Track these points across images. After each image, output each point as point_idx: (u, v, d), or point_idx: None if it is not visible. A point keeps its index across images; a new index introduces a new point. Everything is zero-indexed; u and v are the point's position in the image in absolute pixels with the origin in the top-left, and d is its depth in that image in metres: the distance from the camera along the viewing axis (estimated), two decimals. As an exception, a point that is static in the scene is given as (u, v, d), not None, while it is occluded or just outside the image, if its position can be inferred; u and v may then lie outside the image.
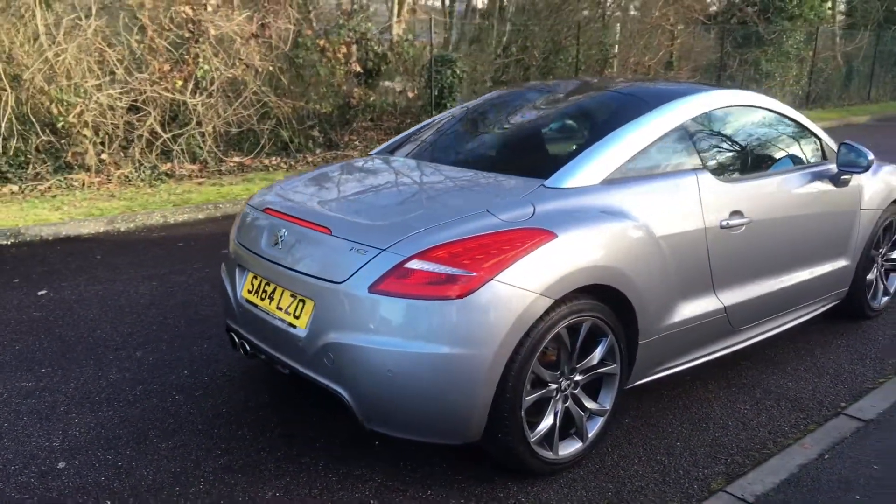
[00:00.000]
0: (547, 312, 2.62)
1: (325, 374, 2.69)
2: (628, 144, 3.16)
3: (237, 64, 8.69)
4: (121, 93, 8.15)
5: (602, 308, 2.83)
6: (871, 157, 3.83)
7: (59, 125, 7.79)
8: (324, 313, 2.67)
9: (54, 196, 7.41)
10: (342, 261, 2.65)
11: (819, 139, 4.00)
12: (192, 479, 2.78)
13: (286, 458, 2.94)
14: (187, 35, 8.39)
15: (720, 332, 3.46)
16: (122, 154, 8.34)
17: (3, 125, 7.57)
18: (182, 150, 8.63)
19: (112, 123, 8.15)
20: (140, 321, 4.35)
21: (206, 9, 8.41)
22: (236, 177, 8.59)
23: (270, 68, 8.99)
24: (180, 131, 8.65)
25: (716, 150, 3.52)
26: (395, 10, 10.79)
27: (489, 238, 2.60)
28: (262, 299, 2.96)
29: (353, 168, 3.70)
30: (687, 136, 3.36)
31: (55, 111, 7.71)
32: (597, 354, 2.89)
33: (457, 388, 2.52)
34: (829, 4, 20.09)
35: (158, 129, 8.42)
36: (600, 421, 2.98)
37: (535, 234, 2.64)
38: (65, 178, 7.85)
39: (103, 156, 8.18)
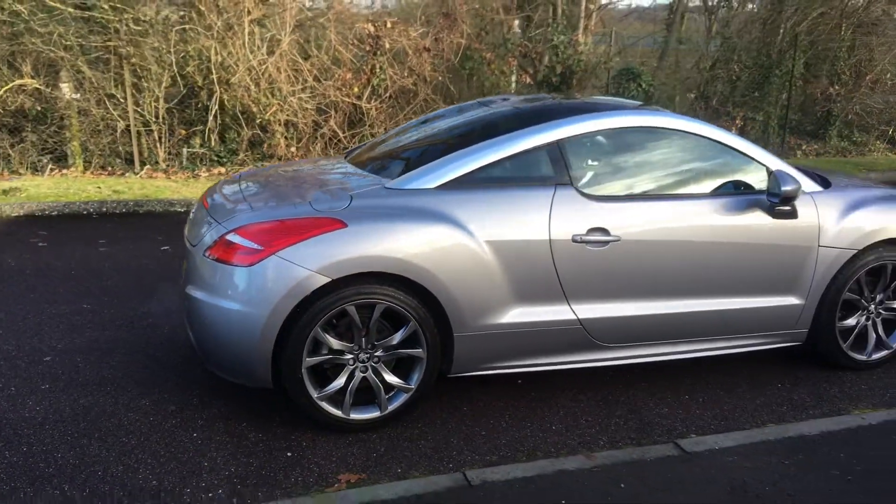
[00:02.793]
0: (326, 289, 3.13)
1: (186, 321, 3.48)
2: (479, 157, 3.48)
3: (409, 74, 9.74)
4: (309, 97, 9.66)
5: (401, 295, 3.24)
6: (790, 187, 3.58)
7: (258, 121, 9.52)
8: (189, 271, 3.46)
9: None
10: (202, 231, 3.43)
11: (765, 167, 3.80)
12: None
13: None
14: (367, 48, 9.65)
15: (580, 344, 3.58)
16: (307, 148, 9.88)
17: (217, 120, 9.49)
18: (356, 147, 9.95)
19: (302, 122, 9.71)
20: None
21: (385, 25, 9.59)
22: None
23: (440, 78, 9.91)
24: (356, 131, 9.96)
25: (591, 169, 3.63)
26: (582, 23, 11.06)
27: (289, 222, 3.19)
28: None
29: (284, 166, 4.41)
30: (559, 153, 3.55)
31: (255, 110, 9.44)
32: (397, 336, 3.30)
33: (243, 339, 3.15)
34: None
35: (337, 130, 9.81)
36: (404, 397, 3.37)
37: (326, 223, 3.17)
38: (262, 166, 9.57)
39: (292, 149, 9.77)
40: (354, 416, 3.32)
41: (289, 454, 3.17)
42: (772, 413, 3.63)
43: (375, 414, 3.35)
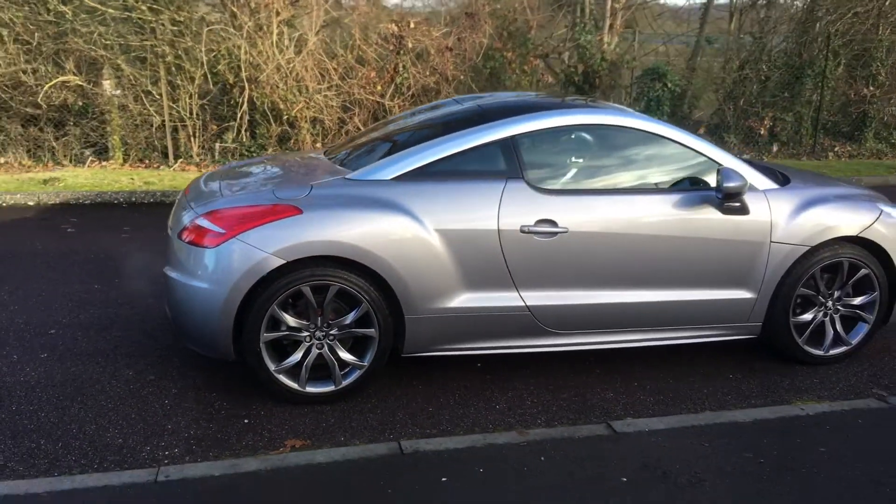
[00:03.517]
0: (282, 270, 3.40)
1: (165, 299, 3.79)
2: (435, 151, 3.71)
3: (431, 73, 10.00)
4: (335, 94, 10.00)
5: (354, 278, 3.49)
6: (733, 183, 3.69)
7: (286, 118, 9.90)
8: (169, 254, 3.77)
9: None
10: (181, 215, 3.74)
11: (718, 165, 3.92)
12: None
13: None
14: (391, 48, 9.94)
15: (529, 330, 3.77)
16: (332, 144, 10.22)
17: (246, 116, 9.91)
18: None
19: (328, 119, 10.05)
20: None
21: (409, 25, 9.87)
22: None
23: (461, 77, 10.14)
24: (379, 128, 10.26)
25: (542, 163, 3.81)
26: (607, 23, 11.13)
27: (250, 209, 3.48)
28: None
29: (269, 158, 4.70)
30: (512, 148, 3.75)
31: (282, 107, 9.82)
32: (350, 317, 3.55)
33: (207, 314, 3.45)
34: None
35: (361, 126, 10.12)
36: (357, 373, 3.62)
37: (283, 209, 3.45)
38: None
39: (318, 144, 10.13)
40: (310, 389, 3.59)
41: (246, 421, 3.45)
42: (715, 401, 3.76)
43: (330, 388, 3.61)
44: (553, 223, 3.66)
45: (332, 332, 3.57)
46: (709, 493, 2.85)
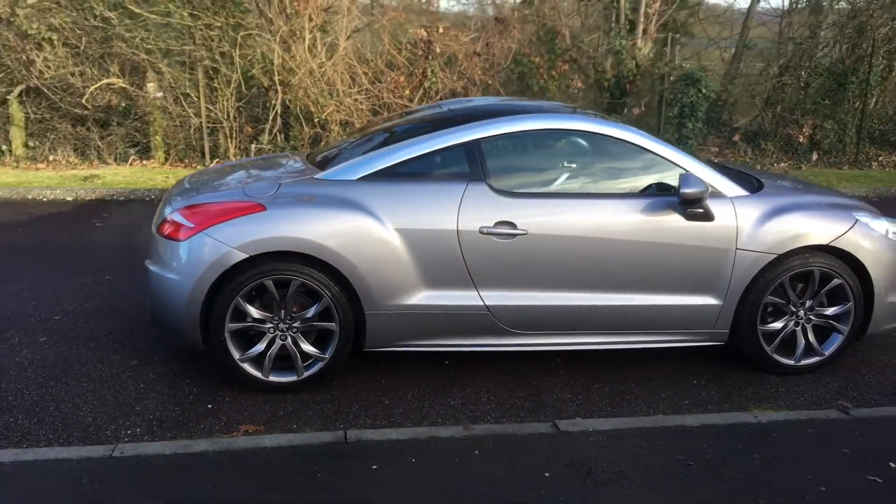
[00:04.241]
0: (246, 264, 3.59)
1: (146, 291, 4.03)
2: (400, 153, 3.85)
3: (459, 77, 10.14)
4: (364, 98, 10.24)
5: (315, 274, 3.65)
6: (690, 189, 3.71)
7: (316, 120, 10.19)
8: (150, 248, 4.00)
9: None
10: (163, 210, 3.97)
11: (682, 170, 3.93)
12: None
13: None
14: (420, 53, 10.13)
15: (489, 329, 3.86)
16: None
17: (279, 119, 10.24)
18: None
19: (357, 122, 10.30)
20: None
21: (437, 31, 10.04)
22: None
23: (489, 82, 10.25)
24: (407, 132, 10.44)
25: (505, 167, 3.91)
26: (640, 27, 11.05)
27: (218, 205, 3.69)
28: None
29: (255, 159, 4.90)
30: (476, 151, 3.86)
31: (313, 110, 10.12)
32: (311, 311, 3.71)
33: (176, 304, 3.67)
34: None
35: (389, 129, 10.32)
36: (319, 365, 3.78)
37: (247, 206, 3.64)
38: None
39: (347, 147, 10.38)
40: (273, 378, 3.76)
41: (209, 406, 3.65)
42: (670, 405, 3.78)
43: (293, 378, 3.77)
44: (512, 225, 3.75)
45: (294, 324, 3.74)
46: (624, 491, 2.90)
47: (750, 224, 3.91)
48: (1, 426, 3.40)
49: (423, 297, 3.77)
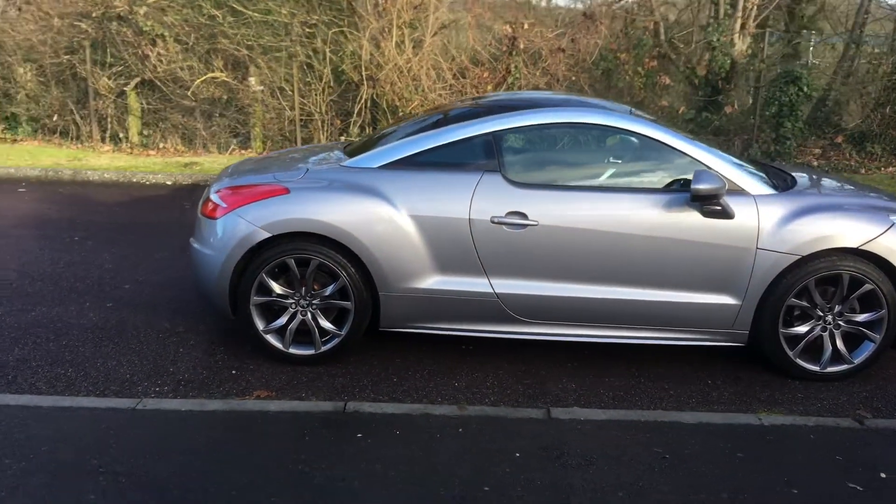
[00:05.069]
0: (270, 242, 3.88)
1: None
2: (421, 144, 4.03)
3: (542, 73, 10.18)
4: (449, 93, 10.46)
5: (332, 254, 3.89)
6: (703, 185, 3.65)
7: (401, 114, 10.51)
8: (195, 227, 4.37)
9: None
10: (207, 193, 4.34)
11: (705, 166, 3.88)
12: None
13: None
14: (504, 49, 10.23)
15: (498, 316, 3.97)
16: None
17: (368, 112, 10.64)
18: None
19: (442, 116, 10.53)
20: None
21: (522, 27, 10.11)
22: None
23: (573, 78, 10.22)
24: (490, 127, 10.58)
25: (522, 159, 4.00)
26: (738, 22, 10.64)
27: (248, 187, 4.00)
28: None
29: (302, 147, 5.15)
30: (493, 143, 3.97)
31: (398, 104, 10.44)
32: (329, 289, 3.96)
33: (210, 277, 4.01)
34: None
35: (472, 124, 10.49)
36: (336, 340, 4.02)
37: (274, 189, 3.92)
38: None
39: (431, 140, 10.65)
40: (293, 350, 4.03)
41: (234, 371, 3.97)
42: (674, 402, 3.75)
43: (311, 351, 4.03)
44: (523, 216, 3.84)
45: (314, 301, 3.99)
46: (584, 474, 2.95)
47: (773, 223, 3.82)
48: (52, 376, 3.84)
49: (434, 282, 3.93)
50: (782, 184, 4.10)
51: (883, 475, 2.99)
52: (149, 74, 10.74)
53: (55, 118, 11.27)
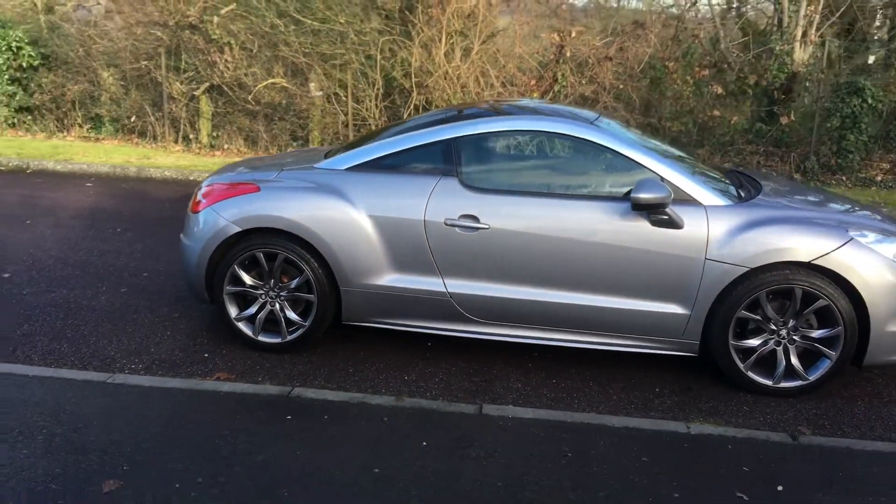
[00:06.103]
0: (240, 236, 4.18)
1: (183, 259, 4.78)
2: (385, 148, 4.25)
3: (589, 82, 10.18)
4: (496, 100, 10.61)
5: (297, 249, 4.15)
6: (644, 194, 3.68)
7: (450, 120, 10.74)
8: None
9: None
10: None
11: (658, 176, 3.91)
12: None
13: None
14: (552, 57, 10.30)
15: (450, 315, 4.13)
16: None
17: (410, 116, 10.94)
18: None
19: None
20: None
21: (570, 35, 10.15)
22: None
23: (620, 87, 10.17)
24: (536, 134, 10.66)
25: (479, 164, 4.14)
26: (799, 31, 10.28)
27: (225, 185, 4.32)
28: None
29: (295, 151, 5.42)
30: (452, 149, 4.14)
31: (447, 110, 10.67)
32: (294, 282, 4.23)
33: (189, 266, 4.36)
34: None
35: (519, 131, 10.60)
36: (301, 330, 4.28)
37: (246, 187, 4.23)
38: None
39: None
40: (262, 338, 4.32)
41: (205, 355, 4.29)
42: (612, 407, 3.79)
43: (278, 340, 4.31)
44: (475, 219, 3.98)
45: (282, 293, 4.27)
46: (480, 466, 3.07)
47: (722, 234, 3.81)
48: (47, 350, 4.28)
49: (391, 280, 4.12)
50: (745, 194, 4.06)
51: (780, 488, 2.97)
52: (217, 80, 11.41)
53: (133, 119, 12.15)
